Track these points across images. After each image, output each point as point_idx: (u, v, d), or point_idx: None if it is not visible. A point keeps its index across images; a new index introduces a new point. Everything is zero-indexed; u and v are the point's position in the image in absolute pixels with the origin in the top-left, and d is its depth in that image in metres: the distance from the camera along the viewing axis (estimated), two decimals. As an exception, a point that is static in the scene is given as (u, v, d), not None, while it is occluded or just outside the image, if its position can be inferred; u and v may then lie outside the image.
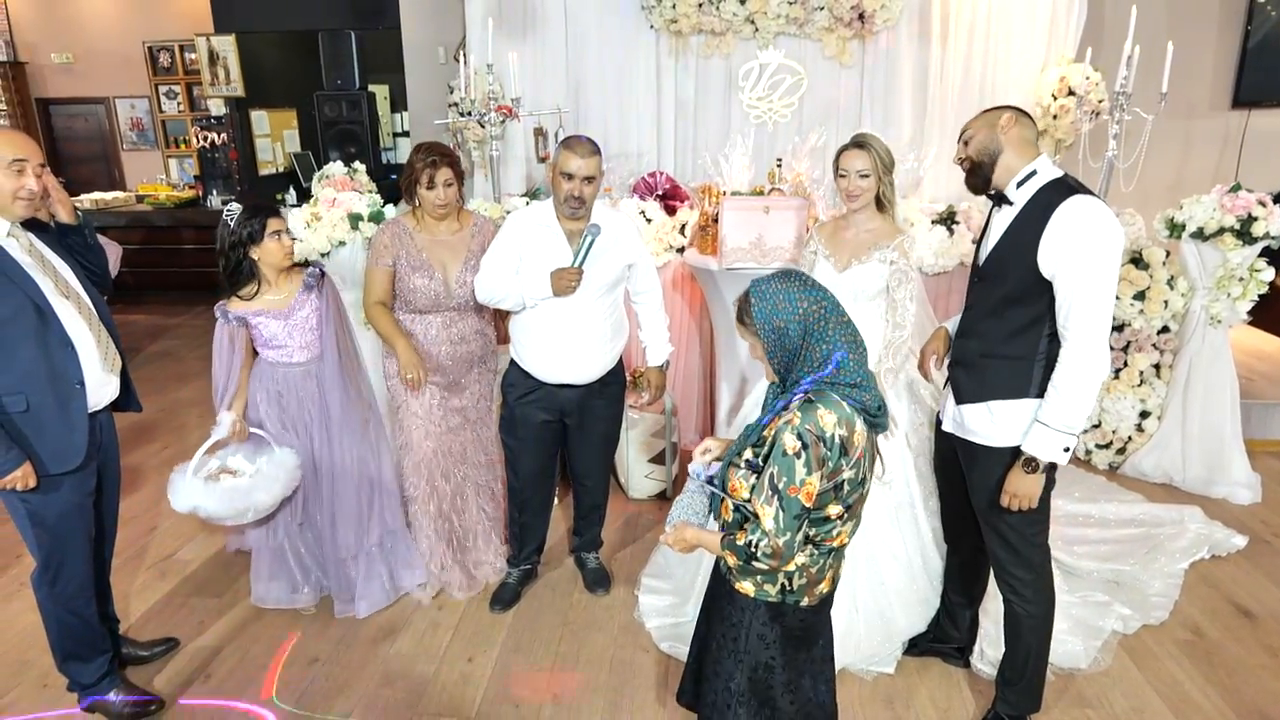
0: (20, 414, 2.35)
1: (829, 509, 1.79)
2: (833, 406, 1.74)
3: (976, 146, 2.33)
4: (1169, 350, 4.28)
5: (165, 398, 5.58)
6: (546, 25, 4.89)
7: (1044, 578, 2.44)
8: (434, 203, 3.01)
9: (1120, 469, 4.39)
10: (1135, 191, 4.50)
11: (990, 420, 2.34)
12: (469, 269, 3.08)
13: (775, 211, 3.76)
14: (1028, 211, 2.25)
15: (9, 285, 2.31)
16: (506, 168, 4.94)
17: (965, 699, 2.78)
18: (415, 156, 2.99)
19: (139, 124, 8.68)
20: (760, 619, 1.90)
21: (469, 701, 2.79)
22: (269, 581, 3.27)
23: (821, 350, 1.76)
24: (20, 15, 8.34)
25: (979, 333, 2.38)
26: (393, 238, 3.07)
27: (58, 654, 2.66)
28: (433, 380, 3.13)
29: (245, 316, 2.96)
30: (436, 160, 2.97)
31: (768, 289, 1.80)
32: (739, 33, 4.75)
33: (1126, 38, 4.07)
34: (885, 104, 4.87)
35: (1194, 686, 2.84)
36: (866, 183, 2.79)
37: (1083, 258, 2.13)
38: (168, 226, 8.14)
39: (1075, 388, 2.17)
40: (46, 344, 2.37)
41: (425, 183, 2.98)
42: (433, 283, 3.05)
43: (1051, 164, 2.30)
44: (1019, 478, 2.28)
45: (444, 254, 3.09)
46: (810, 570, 1.86)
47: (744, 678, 1.93)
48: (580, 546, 3.49)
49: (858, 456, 1.77)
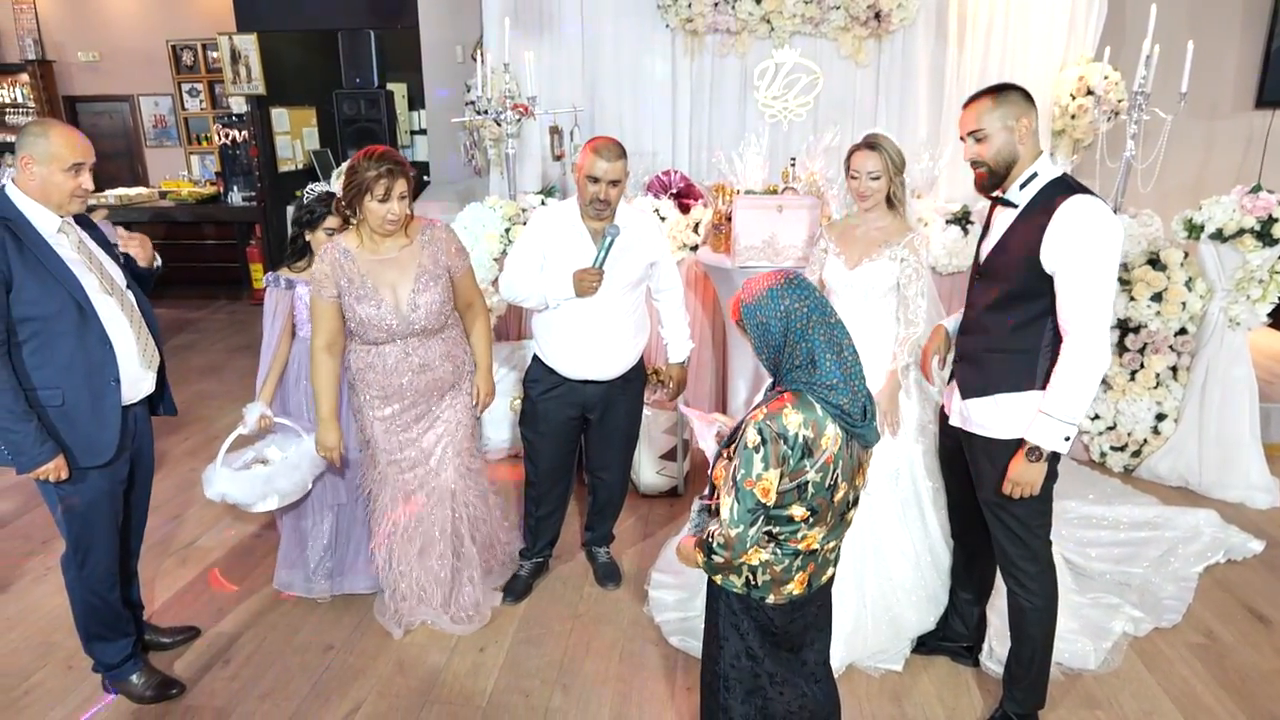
0: (56, 408, 2.43)
1: (792, 509, 1.80)
2: (802, 407, 1.75)
3: (995, 153, 2.31)
4: (1186, 352, 4.25)
5: (188, 389, 5.66)
6: (563, 25, 4.92)
7: (1048, 570, 2.47)
8: (384, 218, 2.65)
9: (1135, 471, 4.37)
10: (1154, 192, 4.47)
11: (996, 413, 2.38)
12: (422, 288, 2.75)
13: (788, 210, 3.78)
14: (1029, 211, 2.29)
15: (53, 284, 2.39)
16: (522, 166, 4.98)
17: (973, 697, 2.78)
18: (365, 163, 2.60)
19: (162, 121, 8.79)
20: (731, 607, 1.95)
21: (480, 691, 2.83)
22: (290, 569, 3.32)
23: (802, 349, 1.77)
24: (48, 15, 8.47)
25: (983, 328, 2.41)
26: (331, 264, 2.71)
27: (83, 634, 2.73)
28: (398, 415, 2.89)
29: (294, 281, 3.08)
30: (393, 170, 2.60)
31: (758, 286, 1.83)
32: (754, 32, 4.77)
33: (1146, 37, 4.04)
34: (901, 103, 4.87)
35: (1206, 690, 2.83)
36: (877, 184, 2.80)
37: (1083, 254, 2.17)
38: (190, 222, 8.25)
39: (1076, 379, 2.21)
40: (85, 341, 2.44)
41: (378, 194, 2.61)
42: (382, 310, 2.72)
43: (1050, 162, 2.34)
44: (1022, 466, 2.31)
45: (391, 274, 2.75)
46: (775, 568, 1.87)
47: (726, 663, 1.98)
48: (592, 541, 3.52)
49: (824, 460, 1.77)
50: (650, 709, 2.75)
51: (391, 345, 2.79)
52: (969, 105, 2.36)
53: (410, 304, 2.74)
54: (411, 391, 2.86)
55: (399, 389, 2.84)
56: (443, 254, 2.81)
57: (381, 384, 2.83)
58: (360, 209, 2.66)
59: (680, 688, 2.83)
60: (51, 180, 2.39)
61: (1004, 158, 2.31)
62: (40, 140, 2.38)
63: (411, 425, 2.92)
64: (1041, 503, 2.40)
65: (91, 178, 2.47)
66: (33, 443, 2.37)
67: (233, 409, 5.07)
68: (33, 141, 2.38)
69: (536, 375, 3.17)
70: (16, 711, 2.74)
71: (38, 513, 4.02)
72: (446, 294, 2.83)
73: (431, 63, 6.48)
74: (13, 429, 2.35)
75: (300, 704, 2.77)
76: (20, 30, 8.41)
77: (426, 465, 2.96)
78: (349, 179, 2.63)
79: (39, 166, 2.38)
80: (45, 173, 2.39)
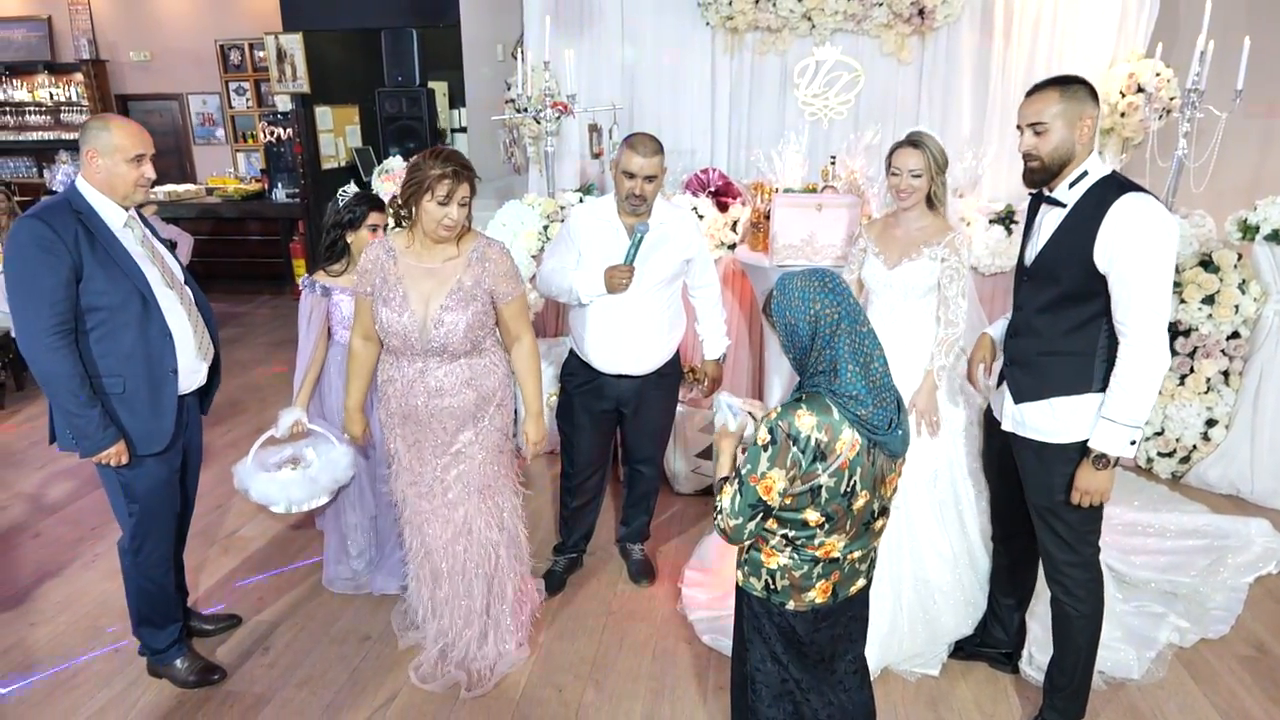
0: (117, 395, 2.50)
1: (806, 513, 1.77)
2: (817, 410, 1.71)
3: (1052, 149, 2.23)
4: (1239, 357, 4.14)
5: (232, 382, 5.76)
6: (603, 23, 4.93)
7: (1096, 577, 2.42)
8: (442, 222, 2.47)
9: (1184, 478, 4.26)
10: (1207, 191, 4.35)
11: (1053, 417, 2.33)
12: (451, 304, 2.53)
13: (828, 209, 3.74)
14: (1080, 210, 2.23)
15: (120, 275, 2.47)
16: (561, 163, 4.99)
17: (1012, 704, 2.73)
18: (430, 161, 2.44)
19: (210, 119, 8.98)
20: (753, 609, 1.93)
21: (514, 684, 2.84)
22: (335, 565, 3.37)
23: (827, 356, 1.73)
24: (102, 15, 8.69)
25: (1035, 331, 2.35)
26: (374, 260, 2.60)
27: (134, 618, 2.80)
28: (415, 438, 2.69)
29: (330, 288, 3.09)
30: (458, 172, 2.44)
31: (790, 284, 1.79)
32: (795, 29, 4.73)
33: (1200, 32, 3.94)
34: (944, 101, 4.80)
35: (1255, 704, 2.75)
36: (918, 182, 2.76)
37: (1139, 254, 2.11)
38: (235, 218, 8.42)
39: (1138, 382, 2.16)
40: (147, 332, 2.52)
41: (439, 195, 2.44)
42: (403, 318, 2.53)
43: (1100, 160, 2.28)
44: (1090, 475, 2.26)
45: (428, 285, 2.55)
46: (793, 574, 1.84)
47: (753, 664, 1.96)
48: (627, 537, 3.52)
49: (839, 465, 1.72)
50: (682, 707, 2.75)
51: (411, 361, 2.60)
52: (1033, 95, 2.27)
53: (436, 320, 2.52)
54: (426, 415, 2.63)
55: (414, 410, 2.63)
56: (488, 276, 2.58)
57: (399, 400, 2.65)
58: (417, 208, 2.49)
59: (712, 686, 2.82)
60: (116, 171, 2.47)
61: (1060, 155, 2.24)
62: (103, 133, 2.46)
63: (428, 455, 2.70)
64: (1093, 509, 2.35)
65: (152, 167, 2.55)
66: (96, 428, 2.44)
67: (275, 402, 5.15)
68: (95, 135, 2.46)
69: (572, 369, 3.19)
70: (66, 692, 2.82)
71: (88, 499, 4.13)
72: (481, 319, 2.59)
73: (472, 61, 6.52)
74: (78, 414, 2.42)
75: (337, 693, 2.81)
76: (75, 31, 8.64)
77: (444, 497, 2.73)
78: (410, 175, 2.47)
79: (104, 159, 2.45)
80: (110, 164, 2.46)
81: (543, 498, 4.09)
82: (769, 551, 1.85)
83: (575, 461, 3.28)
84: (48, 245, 2.36)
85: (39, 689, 2.83)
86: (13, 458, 4.67)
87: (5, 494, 4.23)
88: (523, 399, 2.80)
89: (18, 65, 8.81)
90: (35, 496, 4.20)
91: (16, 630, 3.15)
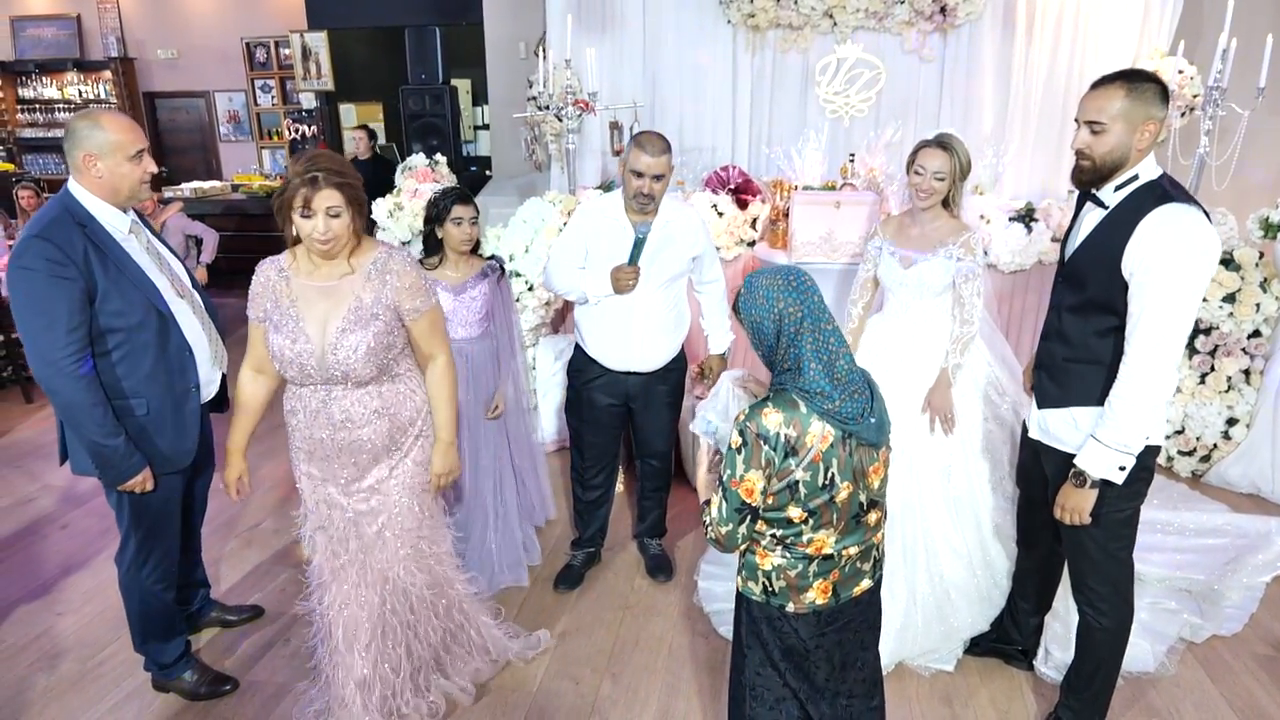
0: (141, 418, 2.39)
1: (788, 510, 1.77)
2: (783, 406, 1.72)
3: (1106, 150, 2.08)
4: (1260, 355, 4.11)
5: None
6: (624, 21, 4.96)
7: (1122, 593, 2.34)
8: (313, 237, 2.16)
9: (1204, 477, 4.24)
10: (1230, 190, 4.33)
11: (1074, 428, 2.25)
12: (349, 325, 2.23)
13: (846, 207, 3.76)
14: (1118, 214, 2.11)
15: (134, 292, 2.32)
16: (582, 160, 5.03)
17: (1027, 702, 2.74)
18: (292, 169, 2.16)
19: (235, 116, 9.10)
20: (752, 615, 1.91)
21: (532, 676, 2.88)
22: None
23: (791, 354, 1.74)
24: (130, 14, 8.83)
25: (1063, 335, 2.27)
26: (264, 282, 2.29)
27: (138, 636, 2.72)
28: (321, 475, 2.41)
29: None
30: (316, 179, 2.11)
31: (757, 283, 1.79)
32: (817, 27, 4.74)
33: (1223, 30, 3.91)
34: (965, 99, 4.79)
35: (1272, 703, 2.74)
36: (940, 184, 2.76)
37: (1162, 267, 1.99)
38: (260, 214, 8.52)
39: (1132, 404, 2.06)
40: (167, 349, 2.41)
41: (298, 208, 2.13)
42: (297, 345, 2.23)
43: (1154, 165, 2.14)
44: (1068, 490, 2.20)
45: (322, 305, 2.25)
46: (789, 573, 1.83)
47: (751, 671, 1.94)
48: (644, 532, 3.55)
49: (811, 458, 1.72)
50: (698, 700, 2.77)
51: (313, 390, 2.30)
52: (1097, 88, 2.09)
53: (333, 344, 2.23)
54: (334, 451, 2.34)
55: (319, 444, 2.35)
56: (389, 290, 2.27)
57: (303, 434, 2.36)
58: (290, 225, 2.19)
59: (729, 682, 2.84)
60: (119, 172, 2.30)
61: (1114, 158, 2.08)
62: (97, 133, 2.26)
63: (335, 493, 2.41)
64: (1123, 525, 2.27)
65: (152, 161, 2.40)
66: (122, 456, 2.33)
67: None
68: (88, 137, 2.26)
69: (580, 365, 3.22)
70: (91, 681, 2.88)
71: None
72: (385, 339, 2.28)
73: (495, 59, 6.57)
74: (104, 444, 2.29)
75: (359, 682, 2.86)
76: (104, 29, 8.78)
77: (359, 540, 2.43)
78: (278, 192, 2.18)
79: (104, 161, 2.28)
80: (111, 166, 2.29)
81: (558, 493, 4.13)
82: (763, 552, 1.84)
83: (585, 455, 3.32)
84: (58, 267, 2.17)
85: (65, 677, 2.90)
86: (41, 450, 4.77)
87: (34, 486, 4.32)
88: (435, 424, 2.48)
89: (47, 63, 8.97)
90: (63, 489, 4.28)
91: (44, 620, 3.22)
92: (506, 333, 3.25)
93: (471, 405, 3.17)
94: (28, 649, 3.04)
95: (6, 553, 3.69)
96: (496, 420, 3.27)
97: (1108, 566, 2.30)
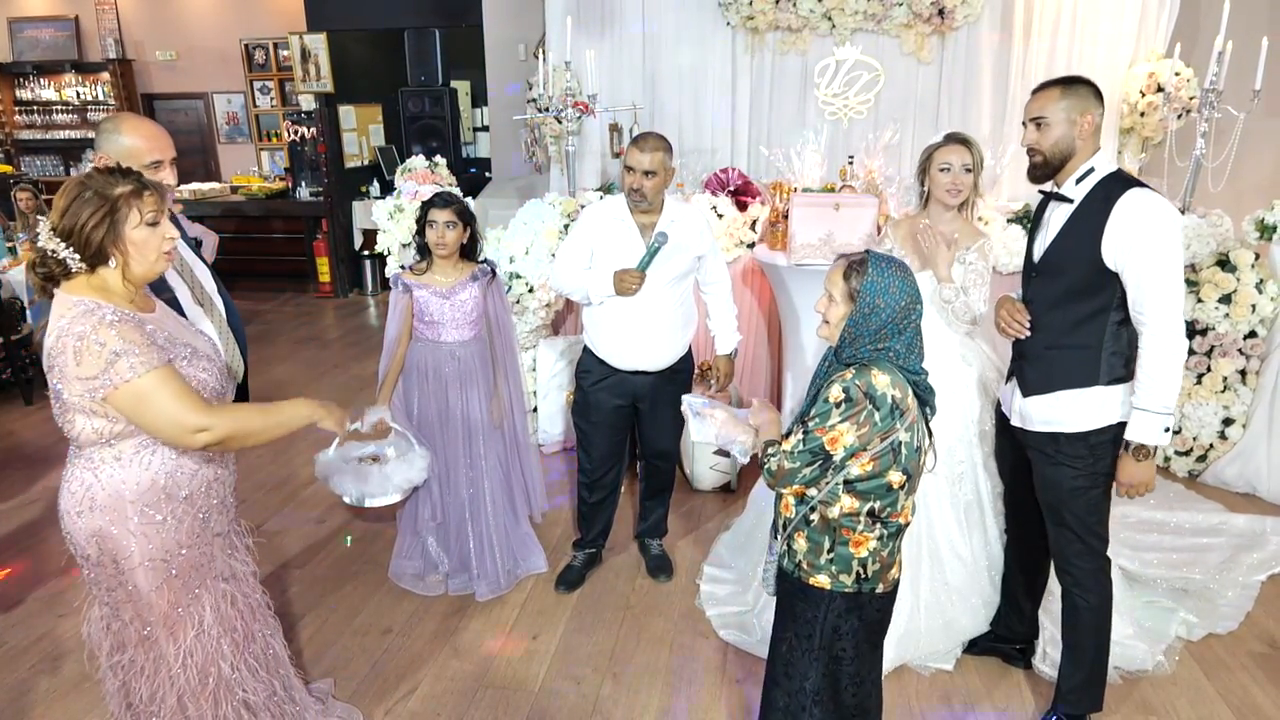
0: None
1: (889, 475, 1.83)
2: (887, 369, 1.82)
3: (1052, 143, 2.32)
4: (1256, 356, 4.14)
5: (258, 379, 5.76)
6: (624, 23, 4.97)
7: (1104, 567, 2.47)
8: (165, 245, 1.87)
9: (1200, 477, 4.27)
10: (1226, 191, 4.35)
11: (1059, 409, 2.38)
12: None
13: (846, 209, 3.77)
14: (1086, 206, 2.30)
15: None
16: (582, 162, 5.05)
17: (1025, 699, 2.77)
18: (105, 178, 1.80)
19: (234, 118, 9.10)
20: (836, 611, 1.93)
21: (533, 676, 2.90)
22: (404, 559, 3.44)
23: (885, 344, 1.84)
24: (129, 15, 8.82)
25: (1042, 325, 2.41)
26: (128, 333, 1.79)
27: None
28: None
29: (410, 285, 3.17)
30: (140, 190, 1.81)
31: (889, 269, 1.84)
32: (815, 29, 4.76)
33: (1219, 33, 3.94)
34: (964, 101, 4.82)
35: (1267, 700, 2.76)
36: (969, 178, 2.79)
37: (1148, 247, 2.18)
38: (259, 216, 8.54)
39: (1163, 369, 2.22)
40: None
41: (148, 215, 1.82)
42: (216, 365, 2.06)
43: (1106, 158, 2.34)
44: (1131, 467, 2.31)
45: (179, 327, 2.03)
46: (882, 554, 1.91)
47: (819, 675, 1.96)
48: (645, 532, 3.57)
49: (911, 420, 1.82)
50: (699, 700, 2.79)
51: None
52: (1037, 92, 2.37)
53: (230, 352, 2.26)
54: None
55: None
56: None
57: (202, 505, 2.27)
58: (117, 245, 1.80)
59: (729, 680, 2.87)
60: None
61: (1060, 150, 2.32)
62: (113, 137, 2.21)
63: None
64: (1099, 501, 2.41)
65: (175, 173, 2.28)
66: None
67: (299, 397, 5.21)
68: (106, 138, 2.22)
69: (588, 366, 3.25)
70: (93, 683, 2.82)
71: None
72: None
73: (494, 61, 6.59)
74: None
75: (360, 684, 2.87)
76: (102, 30, 8.78)
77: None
78: (86, 203, 1.76)
79: None
80: None
81: (559, 492, 4.15)
82: (857, 539, 1.88)
83: (592, 457, 3.33)
84: None
85: (68, 679, 2.90)
86: (41, 452, 4.77)
87: (34, 488, 4.33)
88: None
89: (45, 64, 8.98)
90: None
91: (45, 622, 3.22)
92: (501, 334, 3.27)
93: (461, 406, 3.20)
94: (29, 651, 3.05)
95: (7, 554, 3.70)
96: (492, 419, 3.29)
97: (1089, 541, 2.44)
